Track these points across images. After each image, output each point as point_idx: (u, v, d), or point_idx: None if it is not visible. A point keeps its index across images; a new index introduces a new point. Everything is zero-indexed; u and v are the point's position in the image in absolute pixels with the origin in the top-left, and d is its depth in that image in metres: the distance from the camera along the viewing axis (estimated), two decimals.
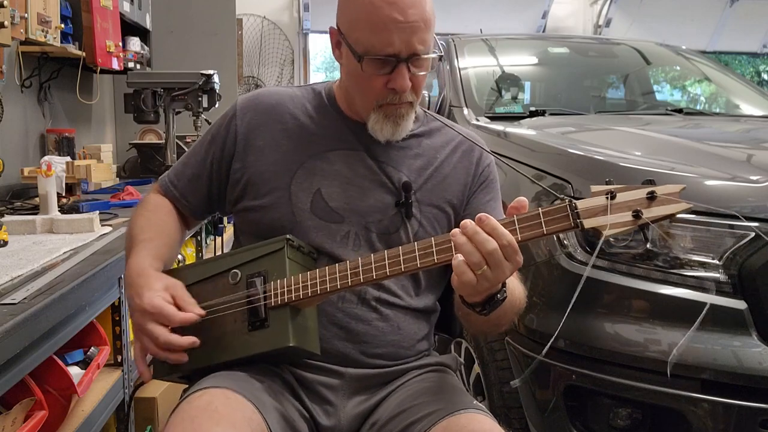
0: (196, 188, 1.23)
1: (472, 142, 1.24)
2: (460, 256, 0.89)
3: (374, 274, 0.97)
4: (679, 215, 0.85)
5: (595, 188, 0.87)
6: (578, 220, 0.87)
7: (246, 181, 1.18)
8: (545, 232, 0.88)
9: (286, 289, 1.03)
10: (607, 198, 0.86)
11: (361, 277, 0.98)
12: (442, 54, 1.11)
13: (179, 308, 1.04)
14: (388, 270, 0.96)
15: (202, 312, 1.06)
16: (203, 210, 1.26)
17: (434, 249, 0.93)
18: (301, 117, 1.20)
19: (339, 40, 1.14)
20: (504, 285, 0.97)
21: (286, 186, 1.15)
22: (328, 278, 1.00)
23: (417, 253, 0.94)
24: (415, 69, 1.08)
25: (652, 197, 0.85)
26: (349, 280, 0.99)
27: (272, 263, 1.06)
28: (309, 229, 1.13)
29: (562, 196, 0.91)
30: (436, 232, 1.16)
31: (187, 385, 1.13)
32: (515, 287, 1.08)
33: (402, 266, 0.95)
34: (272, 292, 1.04)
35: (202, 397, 0.98)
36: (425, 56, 1.08)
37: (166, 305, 1.03)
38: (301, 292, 1.01)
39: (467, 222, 0.90)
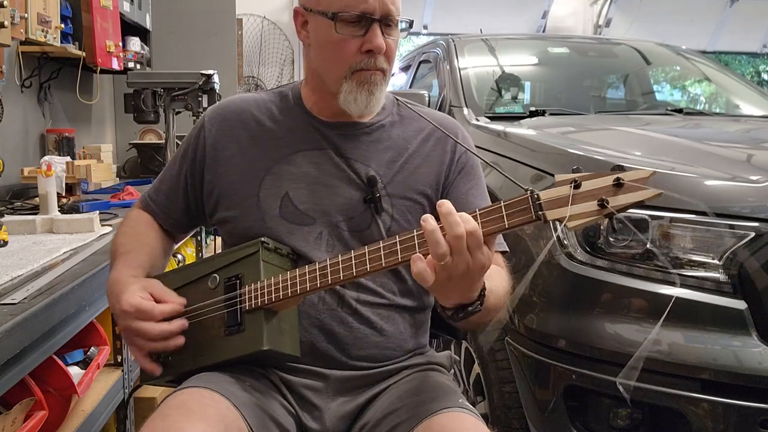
0: (174, 203, 1.23)
1: (448, 134, 1.19)
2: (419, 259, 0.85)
3: (343, 274, 0.94)
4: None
5: (559, 177, 0.81)
6: (540, 212, 0.81)
7: (218, 192, 1.17)
8: (507, 226, 0.83)
9: (260, 292, 1.02)
10: (571, 187, 0.80)
11: (332, 277, 0.95)
12: (412, 20, 1.07)
13: (160, 302, 1.06)
14: (354, 270, 0.93)
15: (183, 300, 1.07)
16: (184, 224, 1.26)
17: (398, 248, 0.89)
18: (267, 122, 1.18)
19: (305, 19, 1.13)
20: (481, 299, 0.93)
21: (254, 194, 1.14)
22: (298, 280, 0.99)
23: (382, 252, 0.90)
24: (387, 33, 1.08)
25: (618, 184, 0.78)
26: (319, 281, 0.97)
27: (247, 267, 1.06)
28: (281, 234, 1.11)
29: (526, 187, 0.84)
30: (410, 225, 1.13)
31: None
32: (499, 286, 1.04)
33: (379, 263, 0.91)
34: (247, 296, 1.04)
35: (178, 396, 0.99)
36: (398, 18, 1.08)
37: (143, 302, 1.04)
38: (273, 295, 1.01)
39: (443, 201, 0.85)
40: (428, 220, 0.84)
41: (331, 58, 1.10)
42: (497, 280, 1.06)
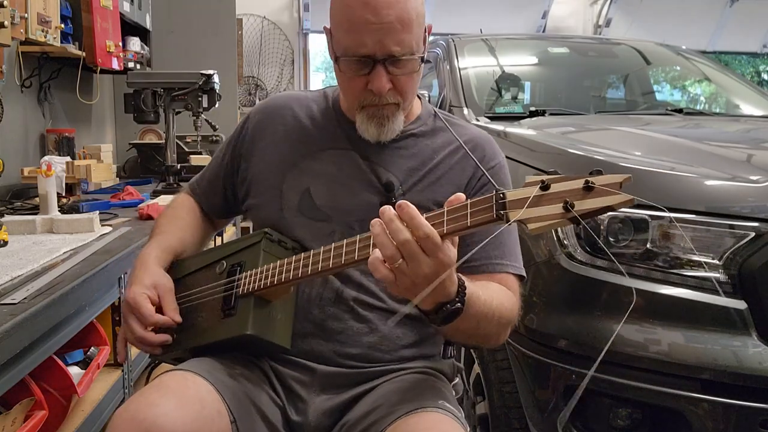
0: (215, 188, 1.30)
1: (467, 149, 1.19)
2: (377, 252, 0.84)
3: (322, 264, 0.95)
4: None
5: (530, 178, 0.79)
6: (502, 212, 0.79)
7: (249, 180, 1.23)
8: (468, 225, 0.81)
9: (253, 278, 1.05)
10: (537, 188, 0.77)
11: (312, 267, 0.97)
12: (423, 55, 1.05)
13: (159, 307, 1.10)
14: (331, 261, 0.94)
15: (178, 319, 1.11)
16: (223, 209, 1.32)
17: (371, 242, 0.87)
18: (303, 119, 1.23)
19: (331, 39, 1.15)
20: (461, 297, 0.91)
21: (278, 185, 1.18)
22: (285, 267, 1.01)
23: (357, 245, 0.91)
24: (395, 70, 1.07)
25: (588, 188, 0.75)
26: (301, 270, 0.98)
27: (249, 255, 1.10)
28: (295, 226, 1.15)
29: (499, 188, 0.82)
30: None
31: None
32: (493, 297, 1.00)
33: (342, 258, 0.92)
34: (242, 281, 1.07)
35: (162, 377, 1.02)
36: (403, 58, 1.07)
37: (144, 304, 1.08)
38: (263, 282, 1.03)
39: (385, 208, 0.84)
40: (375, 224, 0.84)
41: (343, 89, 1.16)
42: (496, 294, 1.03)
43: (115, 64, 2.91)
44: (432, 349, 1.21)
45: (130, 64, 3.23)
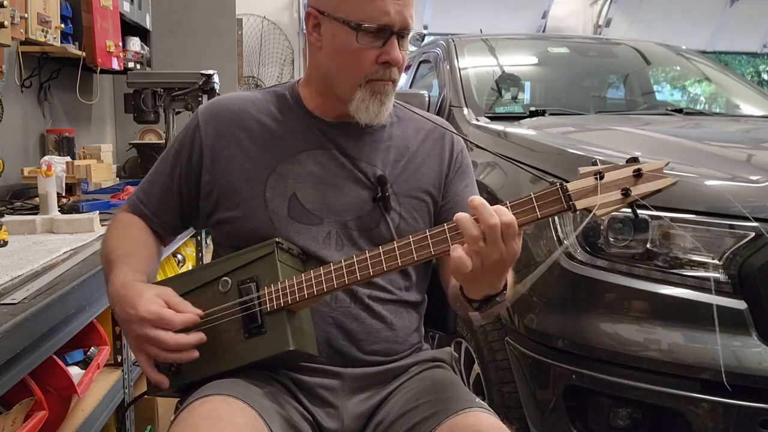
0: (167, 205, 1.19)
1: (444, 128, 1.23)
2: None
3: (371, 270, 0.96)
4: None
5: (583, 170, 0.88)
6: (570, 202, 0.87)
7: (218, 193, 1.15)
8: (539, 216, 0.88)
9: (281, 293, 1.01)
10: (596, 178, 0.87)
11: (358, 274, 0.97)
12: (424, 33, 1.11)
13: (177, 312, 1.02)
14: (385, 265, 0.95)
15: (200, 312, 1.03)
16: (177, 226, 1.23)
17: (430, 241, 0.93)
18: (267, 121, 1.17)
19: (318, 22, 1.12)
20: (504, 287, 0.97)
21: (260, 194, 1.12)
22: (323, 278, 0.99)
23: (413, 246, 0.94)
24: (401, 45, 1.10)
25: (638, 175, 0.86)
26: (346, 279, 0.98)
27: (263, 268, 1.04)
28: (290, 234, 1.11)
29: (552, 180, 0.89)
30: (417, 223, 1.16)
31: (179, 399, 1.12)
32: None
33: (399, 261, 0.94)
34: (266, 297, 1.02)
35: (204, 404, 0.97)
36: (408, 33, 1.10)
37: (164, 310, 1.00)
38: (297, 295, 1.00)
39: (475, 197, 0.90)
40: (462, 214, 0.90)
41: (347, 65, 1.10)
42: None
43: (115, 64, 2.90)
44: (422, 331, 1.26)
45: (130, 64, 3.22)
